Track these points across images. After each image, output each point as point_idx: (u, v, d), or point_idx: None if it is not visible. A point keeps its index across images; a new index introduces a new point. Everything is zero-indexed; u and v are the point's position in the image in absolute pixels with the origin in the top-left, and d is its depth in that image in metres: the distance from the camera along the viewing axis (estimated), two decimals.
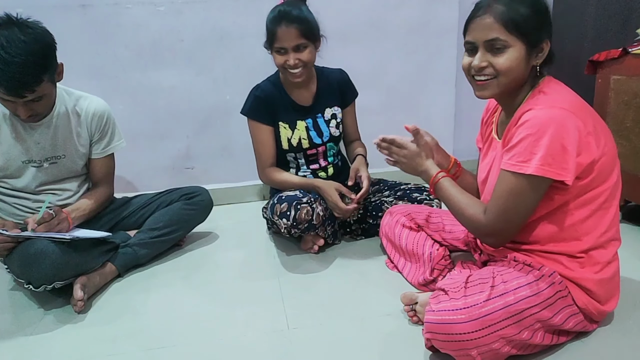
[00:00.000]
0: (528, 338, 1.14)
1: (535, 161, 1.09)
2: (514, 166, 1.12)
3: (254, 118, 1.86)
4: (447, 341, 1.11)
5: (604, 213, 1.20)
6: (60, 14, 2.13)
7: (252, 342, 1.37)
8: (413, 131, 1.42)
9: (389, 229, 1.72)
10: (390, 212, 1.75)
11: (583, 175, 1.15)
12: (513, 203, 1.15)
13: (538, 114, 1.11)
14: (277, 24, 1.68)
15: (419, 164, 1.38)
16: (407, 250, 1.63)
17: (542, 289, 1.16)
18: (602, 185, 1.18)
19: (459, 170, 1.50)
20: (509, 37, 1.14)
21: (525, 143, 1.11)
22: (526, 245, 1.26)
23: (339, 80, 1.95)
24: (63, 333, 1.46)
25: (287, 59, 1.72)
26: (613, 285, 1.26)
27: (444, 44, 2.49)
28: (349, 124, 2.00)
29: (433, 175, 1.34)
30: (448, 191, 1.30)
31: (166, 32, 2.23)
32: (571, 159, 1.10)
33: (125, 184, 2.39)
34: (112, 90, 2.26)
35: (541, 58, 1.18)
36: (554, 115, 1.10)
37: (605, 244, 1.22)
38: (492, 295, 1.12)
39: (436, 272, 1.53)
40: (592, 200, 1.18)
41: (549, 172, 1.10)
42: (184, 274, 1.77)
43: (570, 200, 1.18)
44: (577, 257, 1.21)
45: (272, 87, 1.86)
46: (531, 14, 1.14)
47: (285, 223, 1.71)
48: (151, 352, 1.35)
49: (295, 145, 1.89)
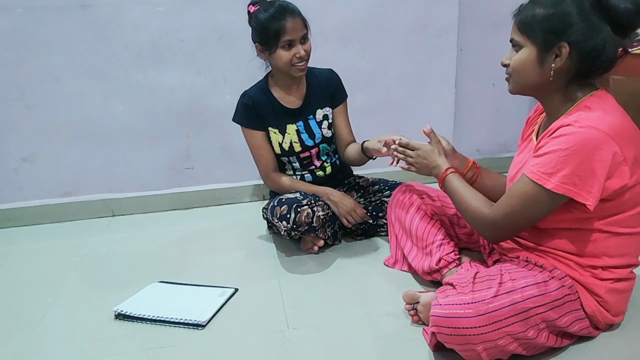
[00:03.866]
0: (534, 337, 1.14)
1: (558, 177, 1.08)
2: (535, 175, 1.12)
3: (246, 125, 1.86)
4: (453, 335, 1.10)
5: (627, 237, 1.19)
6: (60, 14, 2.13)
7: (252, 342, 1.36)
8: (429, 132, 1.48)
9: (401, 207, 1.66)
10: (405, 189, 1.69)
11: (611, 198, 1.13)
12: (523, 208, 1.15)
13: (575, 130, 1.08)
14: (282, 18, 1.67)
15: (432, 161, 1.43)
16: (417, 235, 1.59)
17: (550, 290, 1.15)
18: (631, 210, 1.16)
19: (476, 174, 1.52)
20: (521, 38, 1.16)
21: (554, 156, 1.09)
22: (542, 247, 1.25)
23: (329, 80, 1.92)
24: (63, 333, 1.46)
25: (297, 52, 1.71)
26: (624, 299, 1.26)
27: (444, 44, 2.49)
28: (342, 126, 1.95)
29: (443, 170, 1.39)
30: (454, 185, 1.34)
31: (166, 32, 2.23)
32: (597, 184, 1.08)
33: (126, 184, 2.39)
34: (112, 90, 2.26)
35: (560, 62, 1.13)
36: (590, 136, 1.07)
37: (624, 265, 1.21)
38: (500, 292, 1.12)
39: (443, 262, 1.50)
40: (618, 224, 1.17)
41: (570, 192, 1.09)
42: (184, 274, 1.76)
43: (594, 219, 1.16)
44: (592, 269, 1.20)
45: (259, 92, 1.86)
46: (546, 16, 1.12)
47: (285, 226, 1.71)
48: (151, 352, 1.35)
49: (287, 150, 1.88)
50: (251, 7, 1.76)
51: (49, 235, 2.22)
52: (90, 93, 2.25)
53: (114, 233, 2.21)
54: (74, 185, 2.35)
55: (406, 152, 1.49)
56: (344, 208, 1.82)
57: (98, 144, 2.31)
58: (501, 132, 2.70)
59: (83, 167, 2.33)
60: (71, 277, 1.81)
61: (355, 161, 1.92)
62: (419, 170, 1.48)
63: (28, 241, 2.17)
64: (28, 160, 2.28)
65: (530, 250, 1.28)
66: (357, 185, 2.04)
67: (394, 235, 1.71)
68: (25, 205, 2.32)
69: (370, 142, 1.76)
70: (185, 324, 1.45)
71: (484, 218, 1.23)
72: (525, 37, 1.15)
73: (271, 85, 1.88)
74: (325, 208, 1.78)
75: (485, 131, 2.70)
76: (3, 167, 2.27)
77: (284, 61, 1.73)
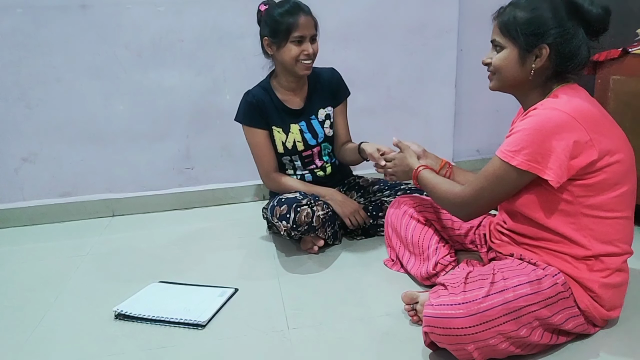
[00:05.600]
0: (526, 335, 1.14)
1: (522, 154, 1.15)
2: (502, 153, 1.19)
3: (249, 124, 1.86)
4: (445, 335, 1.12)
5: (613, 222, 1.20)
6: (60, 14, 2.13)
7: (252, 342, 1.37)
8: (397, 143, 1.62)
9: (395, 218, 1.70)
10: (399, 202, 1.73)
11: (580, 177, 1.16)
12: (491, 185, 1.23)
13: (540, 112, 1.16)
14: (296, 14, 1.71)
15: (406, 165, 1.56)
16: (413, 242, 1.62)
17: (543, 288, 1.16)
18: (609, 192, 1.18)
19: (448, 172, 1.58)
20: (502, 39, 1.24)
21: (519, 135, 1.16)
22: (534, 241, 1.27)
23: (331, 79, 1.94)
24: (63, 333, 1.47)
25: (306, 49, 1.73)
26: (619, 293, 1.26)
27: (444, 44, 2.49)
28: (340, 125, 1.96)
29: (414, 168, 1.50)
30: (427, 178, 1.45)
31: (166, 32, 2.23)
32: (558, 161, 1.13)
33: (126, 184, 2.39)
34: (112, 90, 2.26)
35: (540, 62, 1.20)
36: (553, 116, 1.14)
37: (615, 253, 1.22)
38: (492, 291, 1.13)
39: (440, 266, 1.53)
40: (601, 207, 1.19)
41: (533, 168, 1.15)
42: (184, 274, 1.77)
43: (575, 203, 1.18)
44: (585, 260, 1.21)
45: (262, 92, 1.86)
46: (527, 20, 1.20)
47: (285, 225, 1.71)
48: (151, 352, 1.35)
49: (291, 149, 1.89)
50: (262, 6, 1.79)
51: (49, 235, 2.22)
52: (90, 93, 2.25)
53: (114, 233, 2.21)
54: (74, 185, 2.35)
55: (385, 166, 1.65)
56: (348, 209, 1.83)
57: (98, 144, 2.31)
58: (501, 132, 2.65)
59: (83, 167, 2.33)
60: (71, 277, 1.81)
61: (350, 160, 1.94)
62: (399, 177, 1.62)
63: (28, 241, 2.17)
64: (28, 160, 2.28)
65: (524, 245, 1.29)
66: (357, 185, 2.04)
67: (392, 248, 1.74)
68: (25, 205, 2.32)
69: (368, 146, 1.77)
70: (185, 324, 1.45)
71: (454, 196, 1.33)
72: (507, 38, 1.23)
73: (274, 86, 1.88)
74: (325, 207, 1.78)
75: (485, 131, 2.70)
76: (3, 167, 2.27)
77: (291, 56, 1.74)
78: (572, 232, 1.20)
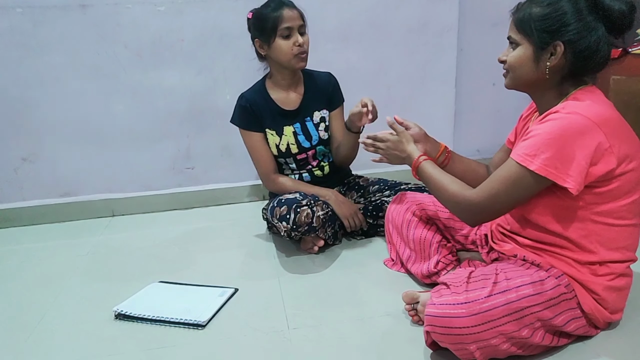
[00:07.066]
0: (528, 336, 1.14)
1: (541, 159, 1.10)
2: (519, 157, 1.13)
3: (244, 127, 1.88)
4: (446, 334, 1.11)
5: (621, 229, 1.19)
6: (60, 13, 2.13)
7: (252, 342, 1.36)
8: (391, 123, 1.51)
9: (397, 214, 1.68)
10: (400, 198, 1.71)
11: (597, 185, 1.14)
12: (506, 189, 1.16)
13: (561, 116, 1.11)
14: (279, 8, 1.73)
15: (402, 151, 1.46)
16: (414, 240, 1.60)
17: (546, 289, 1.15)
18: (621, 200, 1.17)
19: (447, 158, 1.53)
20: (518, 36, 1.20)
21: (538, 139, 1.11)
22: (539, 244, 1.25)
23: (327, 83, 1.94)
24: (63, 333, 1.46)
25: (295, 40, 1.73)
26: (622, 297, 1.26)
27: (444, 44, 2.49)
28: (337, 129, 1.95)
29: (415, 158, 1.41)
30: (429, 172, 1.36)
31: (166, 32, 2.23)
32: (579, 168, 1.09)
33: (126, 183, 2.39)
34: (112, 90, 2.26)
35: (554, 60, 1.16)
36: (575, 122, 1.09)
37: (620, 260, 1.21)
38: (494, 291, 1.12)
39: (441, 264, 1.52)
40: (610, 214, 1.17)
41: (551, 175, 1.10)
42: (183, 274, 1.77)
43: (585, 209, 1.17)
44: (589, 265, 1.20)
45: (256, 94, 1.87)
46: (542, 16, 1.15)
47: (285, 226, 1.70)
48: (151, 352, 1.35)
49: (284, 151, 1.89)
50: (250, 14, 1.81)
51: (49, 235, 2.22)
52: (90, 93, 2.24)
53: (114, 233, 2.21)
54: (74, 185, 2.35)
55: (376, 144, 1.52)
56: (348, 210, 1.83)
57: (98, 143, 2.31)
58: (501, 132, 2.67)
59: (83, 167, 2.33)
60: (71, 277, 1.81)
61: (346, 151, 1.89)
62: (391, 161, 1.51)
63: (28, 241, 2.17)
64: (28, 160, 2.28)
65: (528, 248, 1.28)
66: (357, 185, 2.04)
67: (393, 245, 1.72)
68: (25, 205, 2.32)
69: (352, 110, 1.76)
70: (185, 324, 1.45)
71: (465, 200, 1.23)
72: (522, 35, 1.19)
73: (269, 87, 1.88)
74: (325, 207, 1.78)
75: (485, 131, 2.70)
76: (3, 167, 2.27)
77: (284, 51, 1.74)
78: (579, 237, 1.19)
